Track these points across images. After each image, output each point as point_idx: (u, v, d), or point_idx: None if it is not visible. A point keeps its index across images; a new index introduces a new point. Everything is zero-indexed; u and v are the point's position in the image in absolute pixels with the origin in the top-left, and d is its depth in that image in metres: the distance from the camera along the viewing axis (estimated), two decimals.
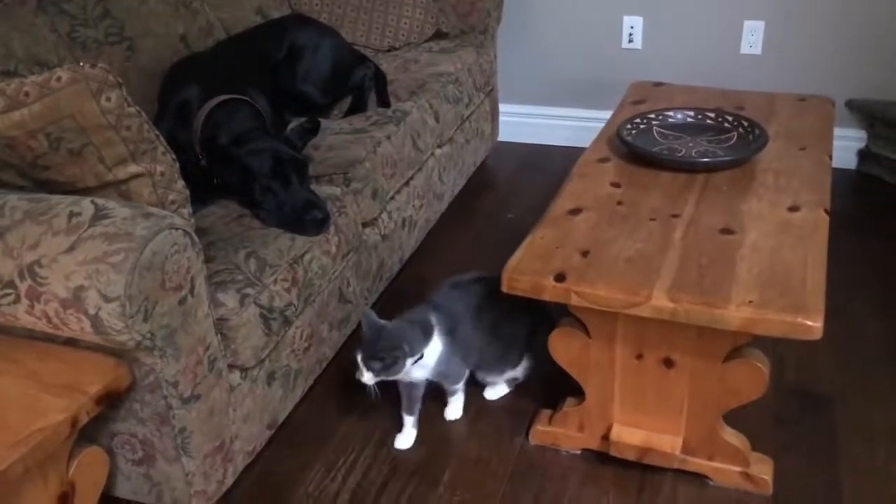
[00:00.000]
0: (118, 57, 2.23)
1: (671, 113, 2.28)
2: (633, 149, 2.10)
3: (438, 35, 3.06)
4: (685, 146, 2.13)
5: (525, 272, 1.67)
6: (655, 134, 2.22)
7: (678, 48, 3.22)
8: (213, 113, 2.00)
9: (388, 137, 2.32)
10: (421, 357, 1.77)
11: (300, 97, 2.52)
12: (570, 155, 3.55)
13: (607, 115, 3.28)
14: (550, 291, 1.64)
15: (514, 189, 3.20)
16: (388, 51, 3.01)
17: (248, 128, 1.96)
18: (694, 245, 1.72)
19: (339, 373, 2.14)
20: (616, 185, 2.01)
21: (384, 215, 2.30)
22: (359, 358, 1.70)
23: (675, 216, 1.84)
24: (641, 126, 2.24)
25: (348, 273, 2.08)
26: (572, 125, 3.46)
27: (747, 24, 3.11)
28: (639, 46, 3.27)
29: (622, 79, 3.26)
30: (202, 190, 2.03)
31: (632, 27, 3.24)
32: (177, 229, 1.45)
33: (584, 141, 3.42)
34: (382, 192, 2.24)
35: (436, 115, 2.62)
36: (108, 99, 1.45)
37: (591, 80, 3.38)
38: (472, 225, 2.92)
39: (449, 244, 2.79)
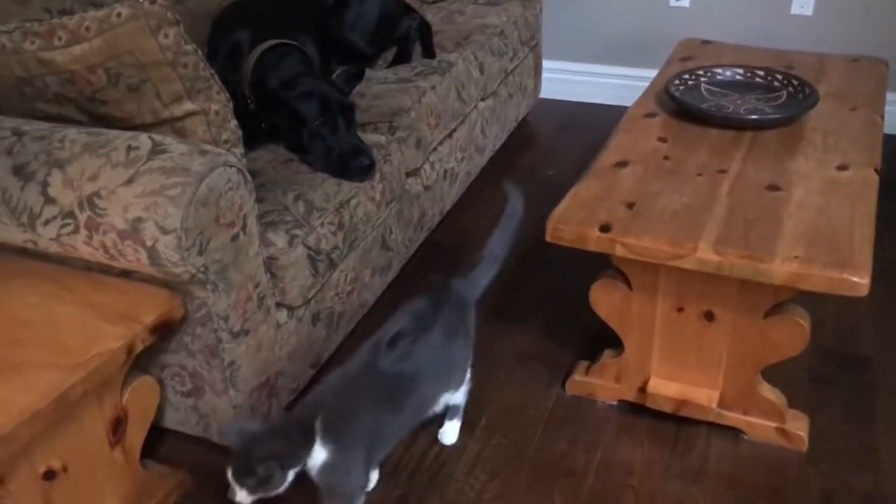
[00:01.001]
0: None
1: (720, 70, 2.25)
2: (680, 104, 2.09)
3: None
4: (733, 103, 2.11)
5: (570, 222, 1.68)
6: (703, 90, 2.20)
7: (727, 7, 3.17)
8: (263, 57, 2.02)
9: (433, 88, 2.33)
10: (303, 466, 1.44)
11: (347, 46, 2.52)
12: (613, 114, 3.53)
13: (652, 73, 3.23)
14: (595, 242, 1.65)
15: (554, 146, 3.19)
16: (434, 2, 3.00)
17: (298, 73, 1.98)
18: (740, 201, 1.72)
19: (379, 317, 2.17)
20: (662, 139, 2.00)
21: (426, 166, 2.31)
22: (229, 474, 1.38)
23: (721, 172, 1.84)
24: (689, 82, 2.22)
25: (391, 221, 2.10)
26: (616, 83, 3.43)
27: None
28: (686, 4, 3.22)
29: (668, 37, 3.22)
30: (250, 134, 2.06)
31: None
32: (231, 167, 1.47)
33: (628, 100, 3.39)
34: (426, 143, 2.25)
35: (480, 68, 2.61)
36: (167, 36, 1.47)
37: (637, 38, 3.34)
38: (512, 180, 2.92)
39: (488, 198, 2.79)
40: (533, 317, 2.21)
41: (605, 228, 1.64)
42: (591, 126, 3.33)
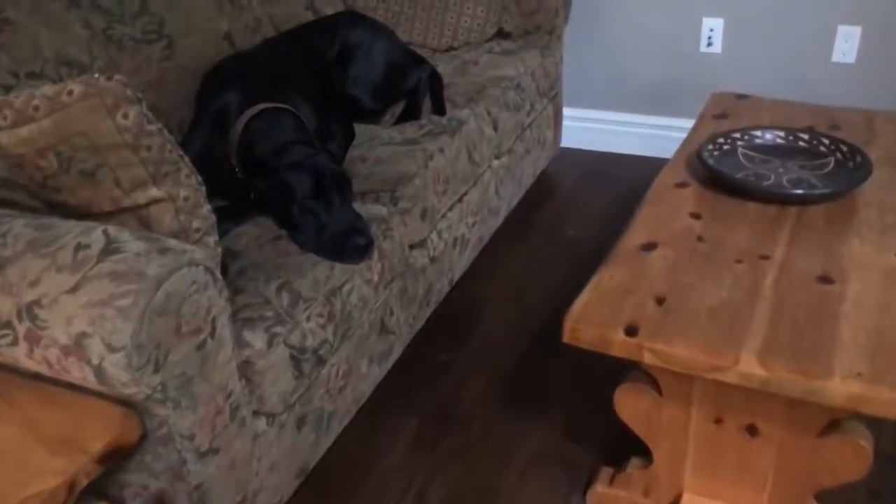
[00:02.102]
0: (156, 56, 2.08)
1: (758, 133, 2.03)
2: (715, 174, 1.86)
3: (501, 35, 2.85)
4: (775, 172, 1.89)
5: (590, 321, 1.46)
6: (741, 156, 1.98)
7: (762, 54, 2.95)
8: (251, 122, 1.83)
9: (442, 150, 2.13)
10: None
11: (350, 102, 2.34)
12: (638, 165, 3.33)
13: (681, 123, 3.04)
14: (620, 346, 1.43)
15: (576, 201, 2.98)
16: (447, 51, 2.81)
17: (289, 140, 1.79)
18: (788, 296, 1.49)
19: (378, 408, 1.96)
20: (696, 215, 1.78)
21: (433, 235, 2.10)
22: None
23: (764, 258, 1.61)
24: (725, 147, 2.00)
25: (392, 301, 1.89)
26: (642, 133, 3.22)
27: (841, 29, 2.82)
28: (718, 50, 3.00)
29: (699, 85, 3.02)
30: (238, 205, 1.87)
31: (711, 29, 2.98)
32: (197, 265, 1.28)
33: (655, 150, 3.21)
34: (433, 212, 2.05)
35: (494, 124, 2.41)
36: (126, 115, 1.28)
37: (665, 85, 3.13)
38: (529, 241, 2.71)
39: (503, 263, 2.59)
40: (551, 410, 1.99)
41: (631, 331, 1.42)
42: (614, 178, 3.12)
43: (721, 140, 2.01)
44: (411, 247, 1.98)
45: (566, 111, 3.16)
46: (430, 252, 2.08)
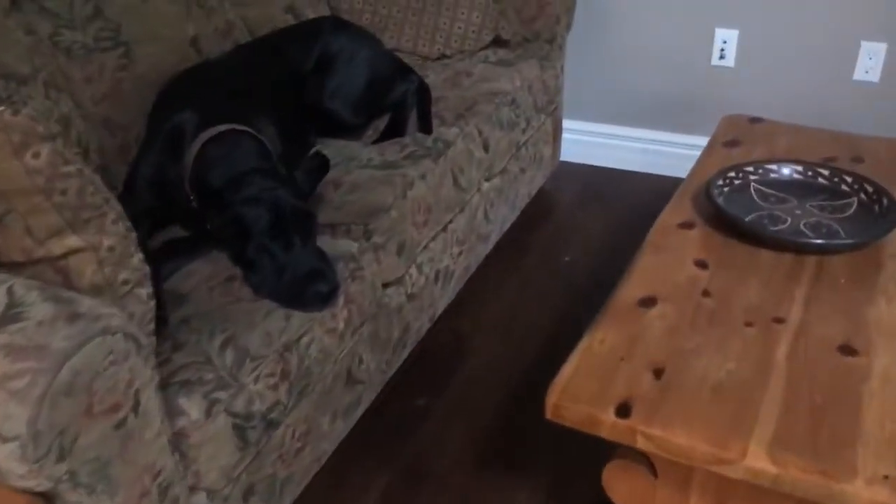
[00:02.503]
0: (111, 65, 1.88)
1: (774, 167, 1.84)
2: (725, 216, 1.67)
3: (497, 42, 2.65)
4: (791, 213, 1.70)
5: (578, 398, 1.27)
6: (753, 193, 1.78)
7: (778, 69, 2.74)
8: (207, 147, 1.64)
9: (424, 177, 1.93)
10: None
11: (328, 116, 2.15)
12: (641, 182, 3.12)
13: (688, 139, 2.85)
14: (609, 429, 1.24)
15: (574, 222, 2.78)
16: (438, 59, 2.61)
17: (248, 169, 1.59)
18: (805, 370, 1.30)
19: (344, 465, 1.78)
20: (702, 264, 1.58)
21: (412, 270, 1.91)
22: None
23: (778, 321, 1.42)
24: (736, 181, 1.80)
25: (361, 348, 1.70)
26: (646, 148, 3.02)
27: (865, 45, 2.61)
28: (731, 64, 2.80)
29: (709, 100, 2.83)
30: (194, 235, 1.69)
31: (724, 41, 2.77)
32: (114, 334, 1.09)
33: (659, 167, 3.01)
34: (411, 245, 1.86)
35: (485, 145, 2.21)
36: (37, 155, 1.10)
37: (672, 99, 2.93)
38: (522, 268, 2.52)
39: (492, 292, 2.40)
40: (534, 470, 1.80)
41: (623, 410, 1.23)
42: (615, 196, 2.93)
43: (732, 174, 1.81)
44: (385, 285, 1.80)
45: (565, 123, 2.96)
46: (407, 289, 1.89)
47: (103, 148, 1.86)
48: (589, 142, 3.09)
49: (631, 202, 2.88)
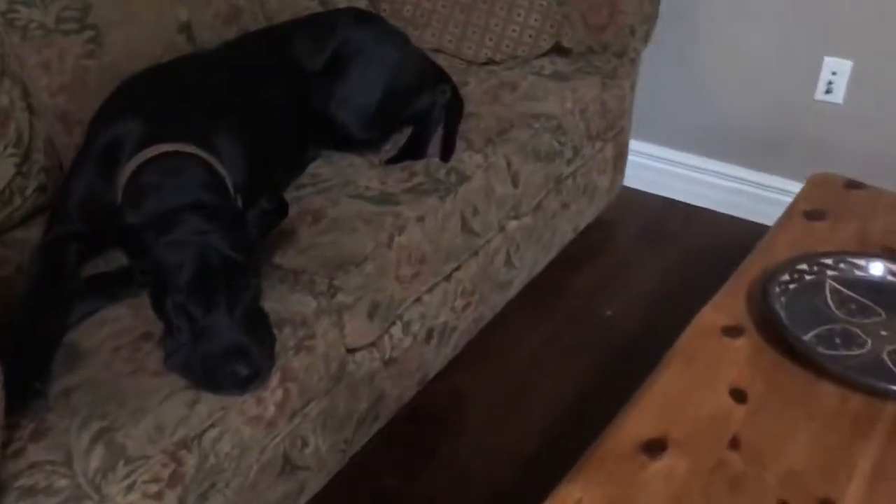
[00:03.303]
0: (75, 51, 1.61)
1: (861, 261, 1.43)
2: (781, 328, 1.28)
3: (557, 50, 2.26)
4: (874, 333, 1.30)
5: None
6: (829, 295, 1.38)
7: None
8: (142, 170, 1.35)
9: (422, 219, 1.60)
10: None
11: (334, 127, 1.83)
12: (711, 223, 2.65)
13: (779, 183, 2.44)
14: None
15: (627, 266, 2.39)
16: (485, 64, 2.25)
17: (185, 203, 1.29)
18: None
19: None
20: (739, 395, 1.20)
21: (395, 329, 1.59)
22: None
23: (826, 503, 1.03)
24: (808, 276, 1.40)
25: (305, 430, 1.40)
26: (728, 186, 2.58)
27: None
28: (839, 100, 2.33)
29: (808, 140, 2.39)
30: (125, 271, 1.40)
31: (834, 73, 2.30)
32: None
33: (742, 210, 2.56)
34: (389, 305, 1.53)
35: (514, 179, 1.86)
36: None
37: (764, 134, 2.48)
38: (551, 318, 2.16)
39: (508, 346, 2.05)
40: None
41: None
42: (683, 237, 2.52)
43: (803, 266, 1.41)
44: (353, 350, 1.48)
45: (632, 145, 2.55)
46: (384, 353, 1.57)
47: (56, 146, 1.60)
48: (659, 169, 2.67)
49: (700, 247, 2.46)
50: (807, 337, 1.27)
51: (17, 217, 1.53)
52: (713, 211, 2.62)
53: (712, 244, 2.48)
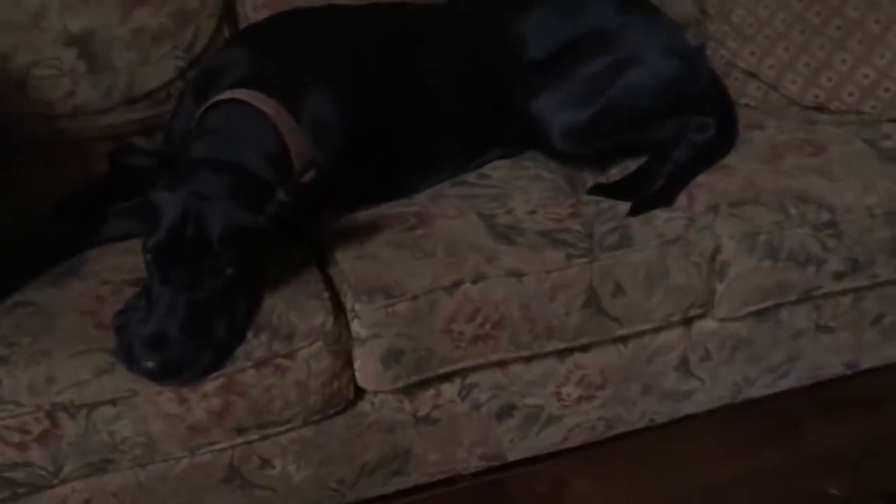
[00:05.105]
0: None
1: None
2: None
3: None
4: None
5: None
6: None
7: None
8: (210, 110, 1.22)
9: (517, 274, 1.23)
10: None
11: (534, 126, 1.47)
12: None
13: None
14: None
15: None
16: (815, 109, 1.65)
17: (214, 160, 1.14)
18: None
19: None
20: None
21: (447, 387, 1.29)
22: None
23: None
24: None
25: (268, 451, 1.22)
26: None
27: None
28: None
29: None
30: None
31: None
32: None
33: None
34: (422, 360, 1.23)
35: (714, 271, 1.35)
36: None
37: None
38: (742, 460, 1.59)
39: (654, 462, 1.56)
40: None
41: None
42: None
43: None
44: (362, 390, 1.24)
45: None
46: (418, 408, 1.29)
47: None
48: None
49: None
50: None
51: (167, 120, 1.51)
52: None
53: None
